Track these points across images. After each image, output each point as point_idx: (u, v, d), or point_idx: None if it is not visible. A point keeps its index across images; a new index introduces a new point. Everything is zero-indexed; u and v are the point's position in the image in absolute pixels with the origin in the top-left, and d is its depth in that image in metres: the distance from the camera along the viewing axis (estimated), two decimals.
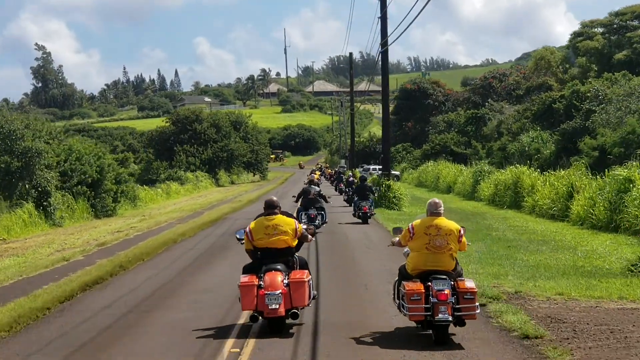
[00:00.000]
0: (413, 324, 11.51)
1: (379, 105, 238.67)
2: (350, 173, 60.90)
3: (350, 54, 78.22)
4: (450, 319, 10.66)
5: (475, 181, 48.56)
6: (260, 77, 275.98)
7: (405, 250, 11.87)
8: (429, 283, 10.82)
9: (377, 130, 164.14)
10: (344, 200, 44.65)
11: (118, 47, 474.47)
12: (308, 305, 12.06)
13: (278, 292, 11.37)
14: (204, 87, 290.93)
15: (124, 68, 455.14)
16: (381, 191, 37.72)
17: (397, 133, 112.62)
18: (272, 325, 11.65)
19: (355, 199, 32.42)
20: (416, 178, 75.67)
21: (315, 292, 12.66)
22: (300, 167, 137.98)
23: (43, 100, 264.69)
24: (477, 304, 10.88)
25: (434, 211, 11.37)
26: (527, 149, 61.89)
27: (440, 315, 10.59)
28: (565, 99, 63.61)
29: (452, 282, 10.93)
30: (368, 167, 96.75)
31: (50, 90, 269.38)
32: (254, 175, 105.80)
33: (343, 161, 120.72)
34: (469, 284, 10.95)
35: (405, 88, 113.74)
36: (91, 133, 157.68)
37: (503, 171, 43.44)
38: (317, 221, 26.35)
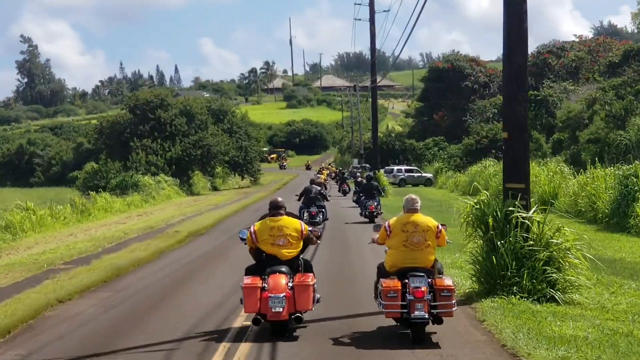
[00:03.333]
0: (394, 323, 11.08)
1: (393, 101, 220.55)
2: (368, 174, 41.97)
3: (371, 2, 53.94)
4: (426, 316, 10.42)
5: (624, 196, 25.31)
6: (263, 71, 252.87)
7: (386, 247, 11.41)
8: (407, 280, 10.59)
9: (392, 125, 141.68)
10: (353, 200, 41.23)
11: (118, 47, 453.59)
12: (312, 309, 11.34)
13: (282, 295, 10.90)
14: (203, 82, 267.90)
15: (121, 64, 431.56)
16: (511, 240, 13.49)
17: (425, 124, 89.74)
18: (274, 329, 11.16)
19: (362, 198, 31.78)
20: (465, 183, 52.42)
21: (319, 296, 11.91)
22: (307, 167, 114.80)
23: (29, 97, 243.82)
24: (454, 301, 10.58)
25: (410, 207, 11.17)
26: None
27: (416, 312, 10.38)
28: None
29: (430, 279, 10.66)
30: (391, 168, 73.69)
31: (37, 87, 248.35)
32: (242, 179, 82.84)
33: (356, 161, 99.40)
34: (447, 281, 10.69)
35: (436, 67, 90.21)
36: (64, 129, 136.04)
37: None
38: (317, 218, 27.41)
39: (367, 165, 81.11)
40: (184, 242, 24.81)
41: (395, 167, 73.59)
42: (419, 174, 72.94)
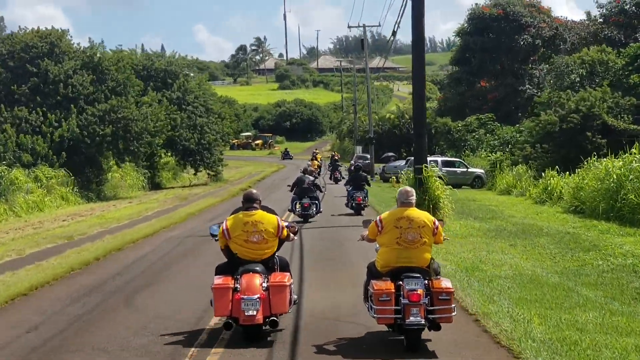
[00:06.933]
0: (384, 328, 9.93)
1: (398, 83, 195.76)
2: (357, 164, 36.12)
3: None
4: (422, 322, 9.23)
5: None
6: (254, 48, 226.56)
7: (377, 246, 10.29)
8: (400, 282, 9.42)
9: (403, 107, 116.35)
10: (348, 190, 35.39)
11: (109, 32, 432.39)
12: (288, 312, 10.31)
13: (256, 296, 9.81)
14: (189, 60, 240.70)
15: (102, 41, 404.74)
16: None
17: (464, 97, 63.73)
18: (247, 334, 10.02)
19: (349, 188, 30.23)
20: (589, 194, 26.56)
21: (296, 297, 10.90)
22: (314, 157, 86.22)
23: None
24: (453, 305, 9.44)
25: (404, 201, 9.98)
26: None
27: (411, 318, 9.21)
28: None
29: (426, 281, 9.49)
30: (435, 159, 48.40)
31: None
32: (195, 174, 56.85)
33: (359, 148, 77.12)
34: (445, 283, 9.56)
35: (480, 14, 63.52)
36: None
37: None
38: (310, 210, 26.12)
39: (392, 154, 56.56)
40: None
41: (429, 159, 47.46)
42: (464, 169, 47.16)
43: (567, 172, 33.07)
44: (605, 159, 28.00)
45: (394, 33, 34.88)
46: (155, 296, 12.80)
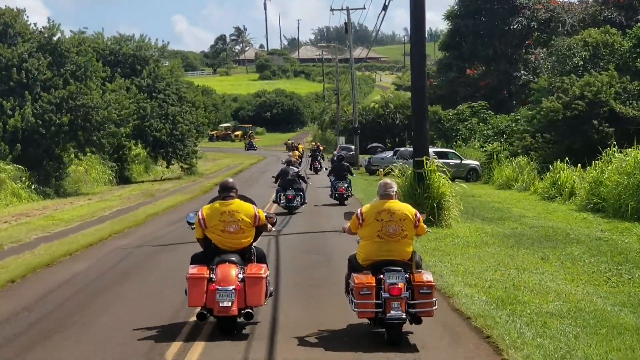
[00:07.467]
0: (365, 321, 9.66)
1: (380, 73, 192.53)
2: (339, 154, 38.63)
3: None
4: (403, 316, 9.07)
5: None
6: (234, 38, 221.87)
7: (358, 238, 9.98)
8: (381, 275, 9.25)
9: (387, 95, 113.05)
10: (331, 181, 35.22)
11: (85, 21, 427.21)
12: (263, 304, 9.95)
13: (231, 288, 9.54)
14: (168, 50, 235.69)
15: (80, 30, 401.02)
16: None
17: (455, 84, 60.28)
18: (222, 325, 9.78)
19: (332, 179, 30.17)
20: (614, 191, 22.84)
21: (272, 289, 10.62)
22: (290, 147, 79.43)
23: None
24: (434, 299, 9.27)
25: (383, 193, 9.79)
26: None
27: (392, 312, 9.03)
28: None
29: (407, 275, 9.32)
30: (407, 150, 45.27)
31: None
32: (168, 166, 53.01)
33: (342, 139, 74.38)
34: (426, 276, 9.37)
35: None
36: None
37: None
38: (295, 202, 25.97)
39: (379, 145, 53.15)
40: None
41: (433, 150, 44.35)
42: (458, 161, 43.56)
43: (578, 164, 29.72)
44: (631, 148, 24.46)
45: (384, 7, 31.03)
46: (62, 352, 8.96)
